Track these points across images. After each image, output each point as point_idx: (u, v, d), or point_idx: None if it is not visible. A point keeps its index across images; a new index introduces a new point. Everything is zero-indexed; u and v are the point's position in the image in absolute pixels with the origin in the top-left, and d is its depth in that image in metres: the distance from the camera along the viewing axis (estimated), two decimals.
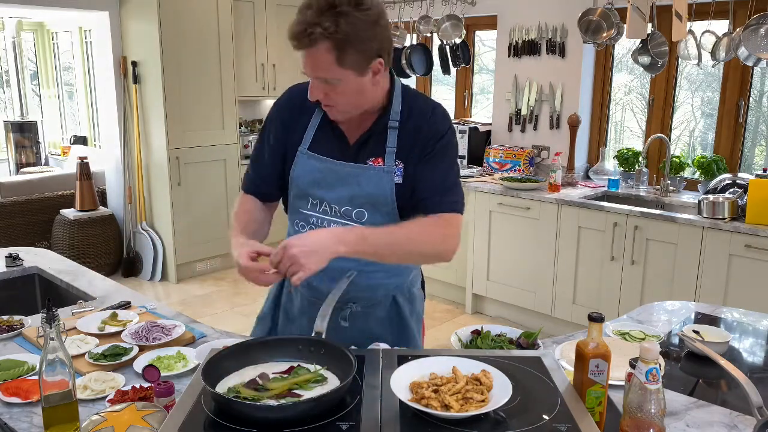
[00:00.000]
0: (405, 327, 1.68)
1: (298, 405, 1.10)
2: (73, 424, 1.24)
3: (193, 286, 4.99)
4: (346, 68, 1.37)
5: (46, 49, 7.34)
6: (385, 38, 1.41)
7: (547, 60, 4.39)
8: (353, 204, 1.53)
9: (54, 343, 1.20)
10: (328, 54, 1.34)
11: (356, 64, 1.38)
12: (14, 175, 6.47)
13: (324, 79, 1.40)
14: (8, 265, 2.39)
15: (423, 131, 1.51)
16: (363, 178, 1.51)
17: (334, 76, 1.38)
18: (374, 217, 1.53)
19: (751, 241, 3.12)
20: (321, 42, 1.33)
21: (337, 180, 1.53)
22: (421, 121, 1.52)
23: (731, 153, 3.85)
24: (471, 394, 1.13)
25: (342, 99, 1.44)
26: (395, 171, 1.51)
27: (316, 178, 1.55)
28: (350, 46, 1.34)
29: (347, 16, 1.32)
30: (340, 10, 1.32)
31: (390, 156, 1.51)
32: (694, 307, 2.09)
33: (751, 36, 3.33)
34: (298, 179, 1.57)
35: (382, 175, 1.51)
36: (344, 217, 1.54)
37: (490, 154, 4.61)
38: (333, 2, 1.32)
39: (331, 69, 1.37)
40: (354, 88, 1.42)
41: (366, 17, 1.34)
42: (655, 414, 1.11)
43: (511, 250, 4.11)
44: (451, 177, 1.53)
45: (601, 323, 1.18)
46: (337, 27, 1.31)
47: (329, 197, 1.54)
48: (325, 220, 1.55)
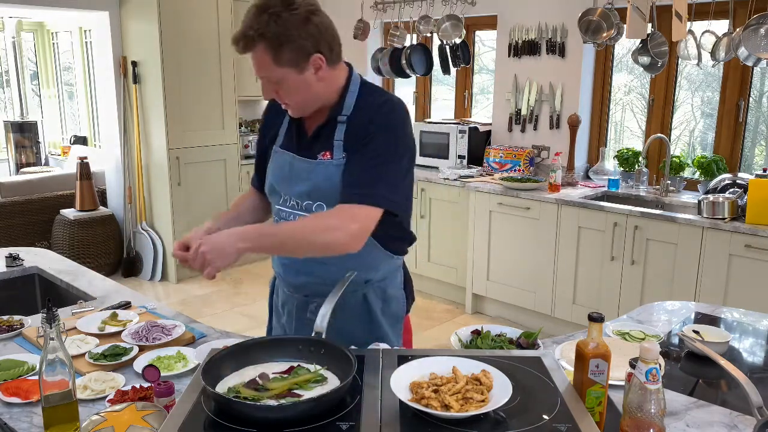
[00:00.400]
0: (377, 326, 1.67)
1: (298, 405, 1.10)
2: (73, 424, 1.24)
3: (193, 286, 4.99)
4: (284, 66, 1.45)
5: (46, 49, 7.34)
6: (321, 34, 1.47)
7: (547, 60, 4.39)
8: (312, 198, 1.58)
9: (54, 343, 1.20)
10: (265, 54, 1.44)
11: (293, 61, 1.45)
12: (14, 175, 6.47)
13: (268, 79, 1.49)
14: (8, 265, 2.39)
15: (366, 124, 1.53)
16: (314, 172, 1.57)
17: (274, 75, 1.47)
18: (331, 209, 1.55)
19: (751, 241, 3.12)
20: (257, 43, 1.43)
21: (296, 175, 1.60)
22: (368, 114, 1.54)
23: (731, 153, 3.85)
24: (471, 394, 1.13)
25: (290, 97, 1.52)
26: (342, 162, 1.55)
27: (281, 174, 1.63)
28: (283, 44, 1.43)
29: (278, 17, 1.41)
30: (272, 11, 1.41)
31: (338, 149, 1.55)
32: (694, 307, 2.09)
33: (751, 36, 3.33)
34: (269, 176, 1.67)
35: (331, 169, 1.55)
36: (307, 210, 1.59)
37: (490, 154, 4.61)
38: (265, 5, 1.42)
39: (270, 68, 1.46)
40: (297, 85, 1.49)
41: (295, 16, 1.42)
42: (655, 414, 1.11)
43: (511, 250, 4.11)
44: (377, 170, 1.50)
45: (601, 323, 1.18)
46: (267, 27, 1.41)
47: (293, 192, 1.61)
48: (292, 213, 1.62)
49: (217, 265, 1.38)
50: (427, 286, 4.82)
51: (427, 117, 5.38)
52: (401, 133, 1.55)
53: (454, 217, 4.43)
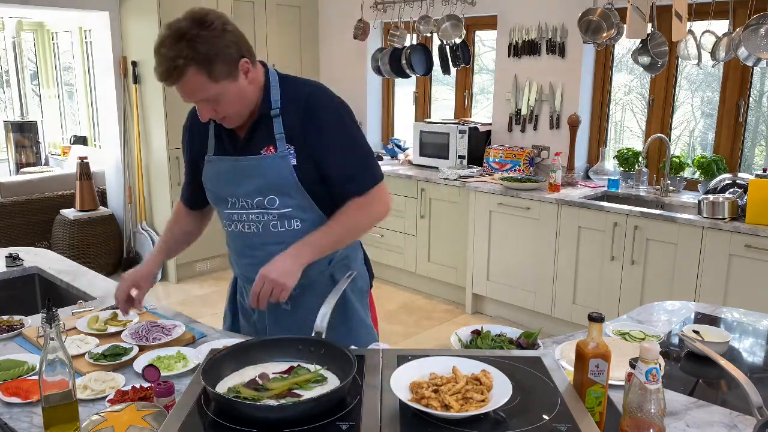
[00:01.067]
0: (347, 302, 1.76)
1: (298, 405, 1.10)
2: (73, 424, 1.24)
3: (193, 286, 4.99)
4: (221, 81, 1.50)
5: (46, 49, 7.35)
6: (238, 40, 1.52)
7: (547, 60, 4.39)
8: (262, 194, 1.63)
9: (54, 343, 1.20)
10: (199, 76, 1.47)
11: (227, 73, 1.50)
12: (14, 175, 6.47)
13: (206, 99, 1.52)
14: (8, 265, 2.39)
15: (305, 113, 1.60)
16: (261, 168, 1.61)
17: (214, 93, 1.50)
18: (285, 200, 1.63)
19: (751, 241, 3.12)
20: (187, 69, 1.45)
21: (240, 175, 1.64)
22: (301, 103, 1.61)
23: (731, 153, 3.85)
24: (471, 394, 1.13)
25: (230, 108, 1.56)
26: (288, 154, 1.60)
27: (222, 179, 1.68)
28: (213, 61, 1.46)
29: (198, 38, 1.44)
30: (189, 36, 1.44)
31: (281, 141, 1.60)
32: (694, 307, 2.09)
33: (751, 36, 3.33)
34: (208, 183, 1.72)
35: (278, 161, 1.60)
36: (259, 207, 1.65)
37: (490, 154, 4.61)
38: (180, 32, 1.44)
39: (208, 88, 1.49)
40: (236, 94, 1.54)
41: (214, 31, 1.47)
42: (655, 414, 1.11)
43: (511, 250, 4.11)
44: (356, 152, 1.64)
45: (601, 323, 1.18)
46: (194, 50, 1.44)
47: (240, 193, 1.65)
48: (244, 214, 1.67)
49: (290, 285, 1.53)
50: (427, 286, 4.82)
51: (427, 117, 5.38)
52: (343, 111, 1.65)
53: (454, 217, 4.43)
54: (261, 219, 1.65)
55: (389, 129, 5.72)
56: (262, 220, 1.65)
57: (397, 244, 4.83)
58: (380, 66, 5.10)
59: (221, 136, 1.68)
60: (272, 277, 1.51)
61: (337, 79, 5.56)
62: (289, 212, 1.63)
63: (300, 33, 5.59)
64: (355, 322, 1.77)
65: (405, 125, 5.62)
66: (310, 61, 5.67)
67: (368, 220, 1.66)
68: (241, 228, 1.69)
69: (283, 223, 1.64)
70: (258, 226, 1.66)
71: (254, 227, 1.66)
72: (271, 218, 1.64)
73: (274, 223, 1.64)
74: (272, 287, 1.51)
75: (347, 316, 1.76)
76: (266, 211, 1.64)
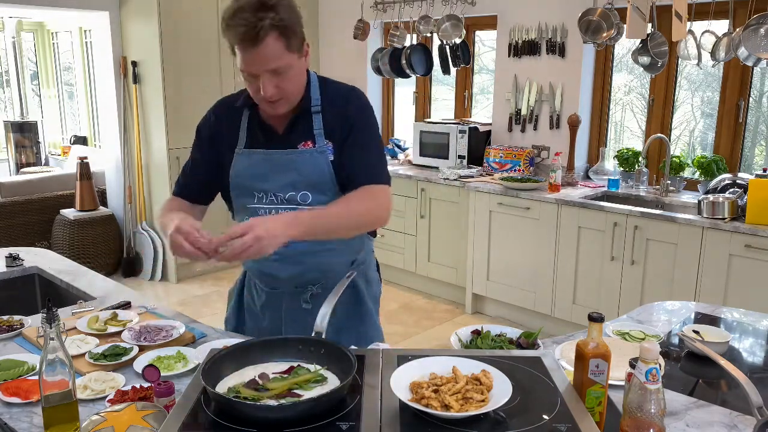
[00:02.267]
0: (363, 306, 1.76)
1: (298, 405, 1.10)
2: (73, 424, 1.24)
3: (193, 286, 4.99)
4: (293, 52, 1.49)
5: (46, 49, 7.35)
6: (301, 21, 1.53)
7: (547, 60, 4.39)
8: (296, 189, 1.61)
9: (54, 343, 1.20)
10: (278, 42, 1.45)
11: (298, 46, 1.51)
12: (14, 175, 6.47)
13: (275, 70, 1.48)
14: (8, 265, 2.39)
15: (343, 113, 1.62)
16: (299, 162, 1.60)
17: (285, 64, 1.48)
18: (318, 197, 1.61)
19: (751, 241, 3.12)
20: (270, 33, 1.43)
21: (275, 169, 1.62)
22: (341, 102, 1.64)
23: (731, 153, 3.85)
24: (471, 394, 1.13)
25: (291, 86, 1.54)
26: (327, 150, 1.61)
27: (255, 172, 1.64)
28: (291, 30, 1.47)
29: (281, 6, 1.44)
30: (273, 3, 1.43)
31: (320, 137, 1.61)
32: (694, 307, 2.09)
33: (751, 36, 3.33)
34: (238, 177, 1.66)
35: (316, 156, 1.60)
36: (290, 203, 1.62)
37: (490, 154, 4.61)
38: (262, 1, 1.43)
39: (282, 56, 1.47)
40: (299, 71, 1.55)
41: (291, 3, 1.48)
42: (655, 414, 1.11)
43: (511, 250, 4.11)
44: (374, 152, 1.65)
45: (601, 323, 1.18)
46: (279, 15, 1.43)
47: (272, 187, 1.62)
48: (273, 209, 1.63)
49: (268, 250, 1.35)
50: (427, 286, 4.82)
51: (427, 117, 5.38)
52: (373, 116, 1.68)
53: (454, 217, 4.43)
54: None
55: (389, 129, 5.72)
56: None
57: (397, 244, 4.83)
58: (380, 66, 5.10)
59: (254, 129, 1.66)
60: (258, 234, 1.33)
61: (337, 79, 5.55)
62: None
63: None
64: (370, 325, 1.79)
65: (405, 125, 5.62)
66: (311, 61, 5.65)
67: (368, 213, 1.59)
68: None
69: None
70: None
71: None
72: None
73: None
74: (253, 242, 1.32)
75: (364, 320, 1.77)
76: (296, 207, 1.61)
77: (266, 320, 1.78)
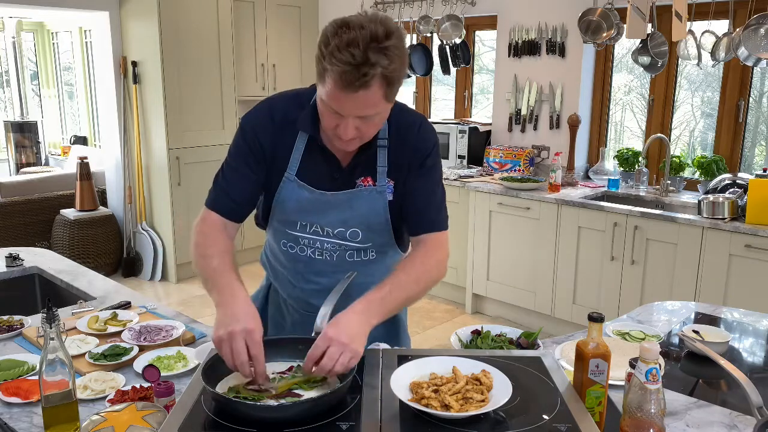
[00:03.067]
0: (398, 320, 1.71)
1: (298, 405, 1.10)
2: (73, 424, 1.24)
3: (193, 286, 4.98)
4: (389, 101, 1.33)
5: (46, 49, 7.34)
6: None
7: (547, 60, 4.39)
8: (346, 225, 1.51)
9: (54, 343, 1.20)
10: (380, 91, 1.27)
11: (395, 95, 1.34)
12: (14, 175, 6.47)
13: (367, 117, 1.32)
14: (8, 265, 2.39)
15: (412, 147, 1.49)
16: (355, 200, 1.49)
17: (378, 111, 1.32)
18: (368, 235, 1.53)
19: (751, 241, 3.12)
20: (375, 82, 1.24)
21: (328, 206, 1.50)
22: (409, 136, 1.49)
23: (731, 153, 3.85)
24: (471, 394, 1.13)
25: (372, 130, 1.38)
26: (387, 190, 1.49)
27: (304, 207, 1.50)
28: (397, 80, 1.29)
29: (392, 50, 1.23)
30: (384, 45, 1.22)
31: (381, 176, 1.48)
32: (694, 307, 2.09)
33: (751, 36, 3.33)
34: (285, 205, 1.51)
35: (374, 196, 1.49)
36: (337, 237, 1.52)
37: (490, 154, 4.61)
38: (375, 36, 1.22)
39: (378, 105, 1.30)
40: (385, 116, 1.38)
41: (402, 46, 1.28)
42: (655, 414, 1.11)
43: (511, 250, 4.11)
44: (439, 193, 1.53)
45: (601, 323, 1.18)
46: (392, 64, 1.24)
47: (321, 221, 1.52)
48: (318, 241, 1.53)
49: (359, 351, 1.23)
50: None
51: (427, 117, 5.38)
52: (440, 152, 1.56)
53: (454, 217, 4.40)
54: (337, 249, 1.53)
55: None
56: (338, 250, 1.54)
57: None
58: None
59: (312, 157, 1.48)
60: (342, 341, 1.21)
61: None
62: (369, 247, 1.54)
63: (300, 33, 5.59)
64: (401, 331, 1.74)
65: None
66: (310, 61, 5.66)
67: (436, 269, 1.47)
68: (310, 253, 1.55)
69: (359, 254, 1.55)
70: (332, 255, 1.54)
71: (327, 255, 1.54)
72: (348, 249, 1.53)
73: (351, 253, 1.54)
74: (341, 353, 1.20)
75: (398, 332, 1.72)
76: (344, 242, 1.52)
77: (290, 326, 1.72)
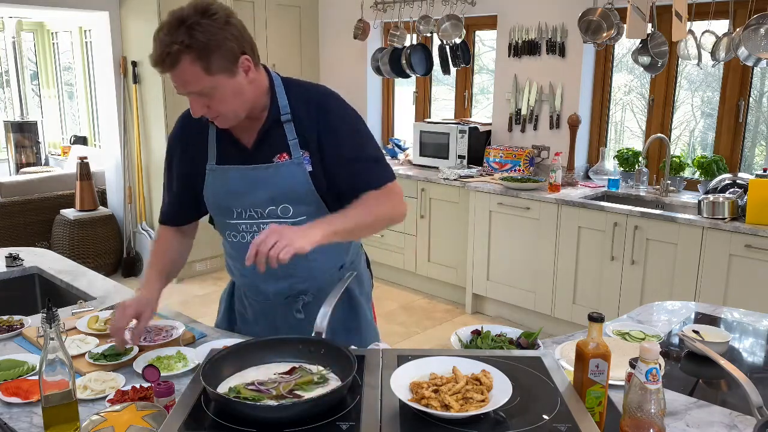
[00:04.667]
0: (357, 307, 1.74)
1: (298, 405, 1.10)
2: (73, 424, 1.24)
3: (193, 286, 4.98)
4: (216, 74, 1.40)
5: (46, 49, 7.34)
6: (242, 36, 1.44)
7: (547, 60, 4.39)
8: (275, 203, 1.57)
9: (54, 343, 1.20)
10: (194, 66, 1.38)
11: (224, 67, 1.41)
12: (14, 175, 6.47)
13: (199, 92, 1.42)
14: (8, 265, 2.39)
15: (315, 117, 1.55)
16: (275, 176, 1.55)
17: (207, 86, 1.41)
18: (299, 208, 1.57)
19: (751, 241, 3.12)
20: (183, 57, 1.37)
21: (252, 184, 1.56)
22: (311, 106, 1.55)
23: (731, 153, 3.85)
24: (471, 394, 1.13)
25: (224, 106, 1.46)
26: (304, 161, 1.55)
27: (230, 189, 1.58)
28: (211, 51, 1.38)
29: (198, 26, 1.36)
30: (189, 23, 1.36)
31: (294, 149, 1.55)
32: (694, 307, 2.09)
33: (751, 36, 3.33)
34: (215, 195, 1.62)
35: (293, 168, 1.54)
36: (270, 217, 1.58)
37: (490, 154, 4.61)
38: (181, 18, 1.37)
39: (202, 80, 1.40)
40: (231, 91, 1.45)
41: (216, 21, 1.38)
42: (655, 414, 1.11)
43: (511, 250, 4.11)
44: (370, 154, 1.59)
45: (601, 323, 1.18)
46: (192, 38, 1.36)
47: (249, 203, 1.58)
48: (254, 224, 1.59)
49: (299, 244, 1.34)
50: (427, 286, 4.81)
51: (427, 117, 5.38)
52: (352, 113, 1.61)
53: (454, 217, 4.42)
54: None
55: (389, 129, 5.72)
56: None
57: (397, 244, 4.83)
58: (380, 66, 5.10)
59: (224, 144, 1.59)
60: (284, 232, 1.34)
61: (337, 79, 5.56)
62: (303, 220, 1.56)
63: (300, 33, 5.59)
64: (363, 323, 1.77)
65: (405, 125, 5.62)
66: (310, 61, 5.66)
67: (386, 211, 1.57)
68: (249, 239, 1.59)
69: None
70: None
71: None
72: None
73: None
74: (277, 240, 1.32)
75: (357, 318, 1.75)
76: (279, 220, 1.57)
77: (259, 327, 1.76)
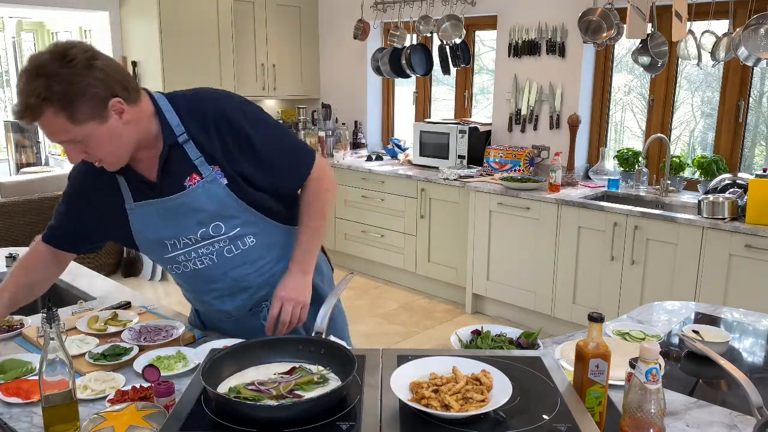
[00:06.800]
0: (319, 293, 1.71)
1: (298, 405, 1.10)
2: (73, 424, 1.24)
3: None
4: (84, 123, 1.33)
5: None
6: (109, 77, 1.35)
7: (547, 60, 4.39)
8: (204, 225, 1.53)
9: (54, 343, 1.20)
10: (58, 117, 1.31)
11: (92, 114, 1.33)
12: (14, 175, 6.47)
13: (71, 141, 1.36)
14: (8, 266, 2.38)
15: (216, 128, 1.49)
16: (193, 201, 1.50)
17: (77, 135, 1.35)
18: (230, 222, 1.55)
19: (751, 241, 3.12)
20: (44, 109, 1.30)
21: (173, 216, 1.52)
22: (207, 120, 1.49)
23: (731, 153, 3.85)
24: (471, 394, 1.13)
25: (101, 151, 1.40)
26: (216, 176, 1.50)
27: (156, 224, 1.54)
28: (73, 101, 1.30)
29: (56, 76, 1.28)
30: (46, 73, 1.28)
31: (202, 166, 1.49)
32: (694, 307, 2.09)
33: (751, 36, 3.33)
34: (142, 233, 1.57)
35: (208, 187, 1.50)
36: (205, 238, 1.55)
37: (490, 154, 4.61)
38: (37, 68, 1.29)
39: (69, 130, 1.33)
40: (106, 136, 1.38)
41: (75, 68, 1.30)
42: (655, 414, 1.11)
43: (511, 250, 4.11)
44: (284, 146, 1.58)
45: (601, 323, 1.18)
46: (49, 90, 1.28)
47: (180, 233, 1.55)
48: (192, 251, 1.57)
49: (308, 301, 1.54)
50: (427, 286, 4.81)
51: (427, 117, 5.38)
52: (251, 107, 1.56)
53: (454, 217, 4.42)
54: (212, 249, 1.56)
55: (389, 129, 5.72)
56: (213, 250, 1.56)
57: (397, 244, 4.83)
58: (380, 66, 5.10)
59: (135, 182, 1.53)
60: (291, 296, 1.50)
61: (337, 79, 5.57)
62: (238, 232, 1.55)
63: (300, 33, 5.59)
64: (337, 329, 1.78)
65: (405, 125, 5.62)
66: (310, 61, 5.67)
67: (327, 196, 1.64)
68: (192, 266, 1.59)
69: (236, 245, 1.57)
70: (212, 258, 1.57)
71: (207, 260, 1.58)
72: (222, 245, 1.56)
73: (228, 248, 1.56)
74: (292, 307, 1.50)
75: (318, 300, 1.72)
76: (214, 240, 1.55)
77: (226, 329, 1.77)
